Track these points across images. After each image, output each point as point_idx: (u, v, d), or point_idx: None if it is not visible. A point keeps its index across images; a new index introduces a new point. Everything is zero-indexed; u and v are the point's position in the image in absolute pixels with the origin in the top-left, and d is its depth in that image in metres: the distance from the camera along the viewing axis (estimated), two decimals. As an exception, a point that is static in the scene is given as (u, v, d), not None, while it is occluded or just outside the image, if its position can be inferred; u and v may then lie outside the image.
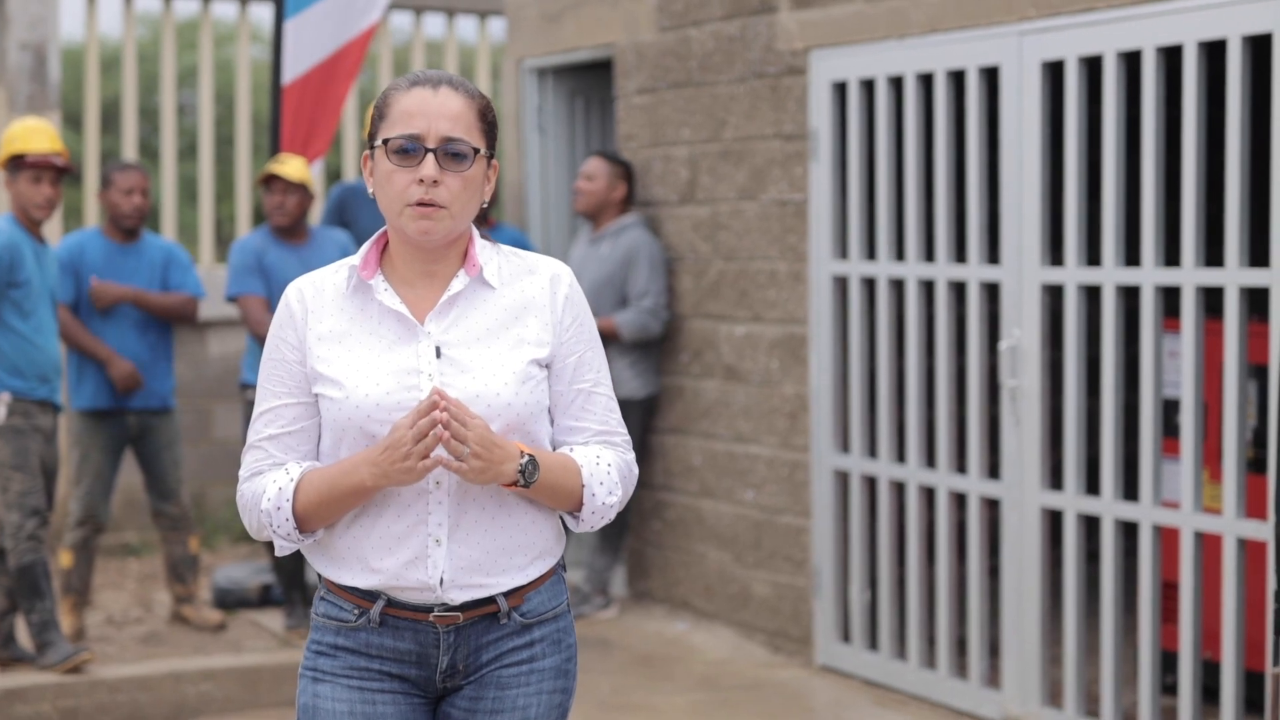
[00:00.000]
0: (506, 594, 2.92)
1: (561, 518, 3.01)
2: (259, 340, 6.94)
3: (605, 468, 2.95)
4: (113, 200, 6.96)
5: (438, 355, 2.89)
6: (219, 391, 9.02)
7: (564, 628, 3.01)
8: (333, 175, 12.32)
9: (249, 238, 7.10)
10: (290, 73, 7.58)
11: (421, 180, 2.85)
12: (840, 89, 6.56)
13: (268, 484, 2.92)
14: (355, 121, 9.96)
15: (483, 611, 2.92)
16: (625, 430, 3.04)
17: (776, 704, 6.30)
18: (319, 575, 2.99)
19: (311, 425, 2.95)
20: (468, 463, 2.79)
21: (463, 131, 2.88)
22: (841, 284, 6.58)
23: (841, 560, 6.66)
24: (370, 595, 2.91)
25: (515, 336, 2.93)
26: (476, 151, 2.89)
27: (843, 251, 6.60)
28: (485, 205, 2.96)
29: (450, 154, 2.87)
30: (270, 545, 6.95)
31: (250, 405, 6.96)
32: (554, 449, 2.99)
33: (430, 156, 2.85)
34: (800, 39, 6.67)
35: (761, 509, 6.98)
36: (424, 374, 2.87)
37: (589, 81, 8.39)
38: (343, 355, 2.91)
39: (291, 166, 7.05)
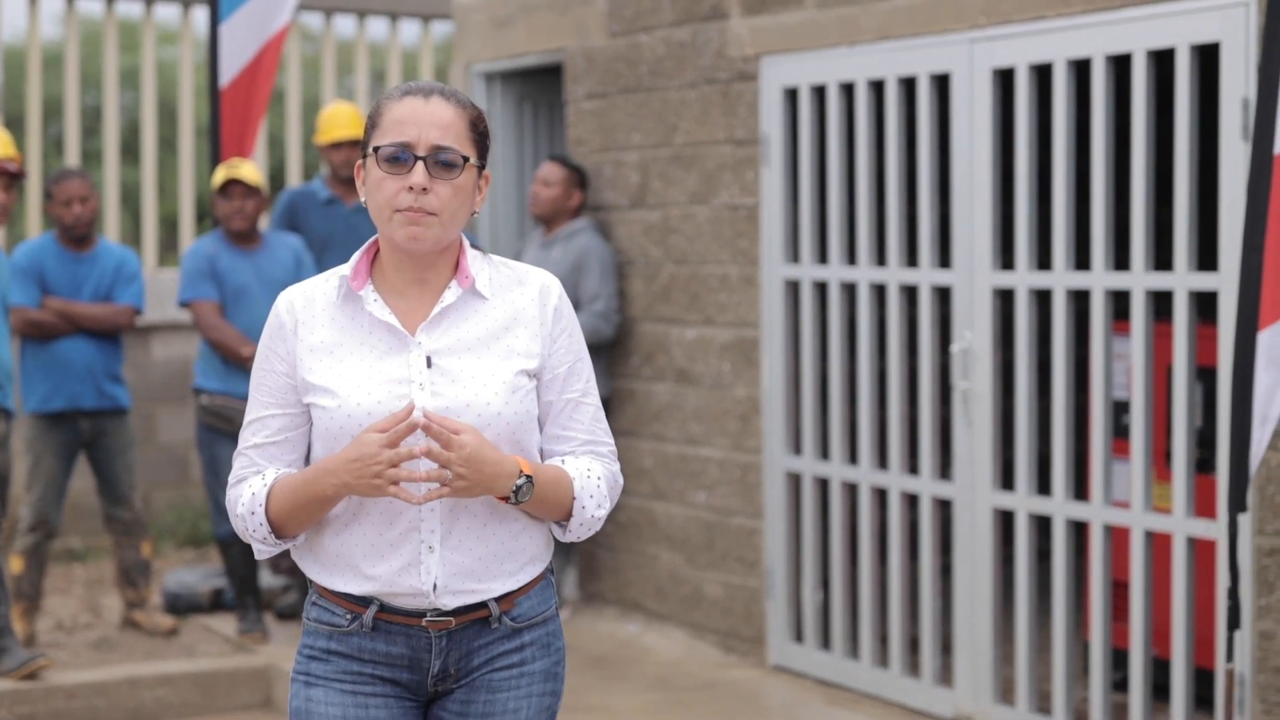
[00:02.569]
0: (498, 599, 2.96)
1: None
2: (212, 345, 6.93)
3: (595, 481, 3.00)
4: (55, 213, 6.93)
5: (428, 365, 2.93)
6: (163, 395, 8.99)
7: (553, 631, 3.05)
8: (276, 181, 12.27)
9: (201, 242, 7.08)
10: (225, 76, 7.58)
11: (411, 188, 2.88)
12: (791, 95, 6.62)
13: (244, 490, 2.96)
14: (301, 127, 9.94)
15: (474, 616, 2.95)
16: (611, 440, 3.08)
17: (730, 704, 6.35)
18: (309, 580, 3.02)
19: (297, 435, 2.98)
20: (453, 484, 2.83)
21: (453, 140, 2.91)
22: (793, 288, 6.65)
23: (794, 561, 6.73)
24: (363, 600, 2.94)
25: (505, 347, 2.96)
26: (466, 160, 2.92)
27: (794, 255, 6.66)
28: (475, 214, 3.00)
29: (440, 162, 2.90)
30: (224, 549, 6.98)
31: (205, 410, 6.95)
32: (543, 458, 3.03)
33: (420, 164, 2.89)
34: (751, 45, 6.72)
35: (713, 511, 7.03)
36: (415, 383, 2.91)
37: (537, 86, 8.41)
38: (334, 366, 2.93)
39: (248, 170, 7.04)
